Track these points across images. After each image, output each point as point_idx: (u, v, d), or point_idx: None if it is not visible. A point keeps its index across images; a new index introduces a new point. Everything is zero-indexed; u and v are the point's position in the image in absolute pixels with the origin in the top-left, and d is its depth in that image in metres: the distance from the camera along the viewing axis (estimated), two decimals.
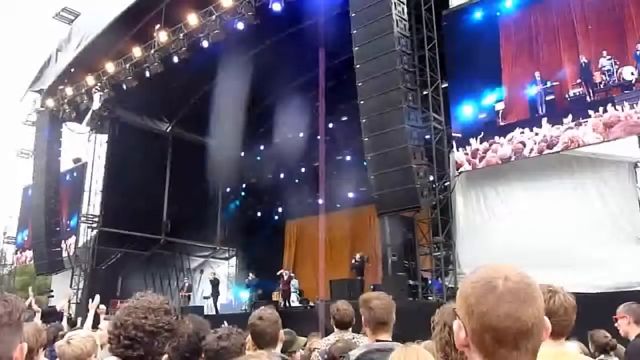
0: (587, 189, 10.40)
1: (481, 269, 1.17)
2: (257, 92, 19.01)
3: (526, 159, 11.09)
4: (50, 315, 5.71)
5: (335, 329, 3.95)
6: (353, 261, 15.36)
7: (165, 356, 1.93)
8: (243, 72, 17.70)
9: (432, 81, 12.39)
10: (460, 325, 1.14)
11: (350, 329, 3.83)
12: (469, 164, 11.87)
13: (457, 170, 12.14)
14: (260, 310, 2.97)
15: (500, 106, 11.60)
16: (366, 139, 11.63)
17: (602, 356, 4.55)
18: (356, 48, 11.87)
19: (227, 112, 19.14)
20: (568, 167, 10.75)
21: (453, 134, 12.34)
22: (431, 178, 12.07)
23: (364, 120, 11.66)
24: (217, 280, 19.01)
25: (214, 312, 17.83)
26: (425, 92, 12.36)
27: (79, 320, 8.22)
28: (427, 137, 12.29)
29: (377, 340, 2.92)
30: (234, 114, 19.58)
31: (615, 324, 3.96)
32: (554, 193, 10.72)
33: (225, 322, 3.20)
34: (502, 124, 11.51)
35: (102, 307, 6.21)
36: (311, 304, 15.96)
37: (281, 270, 17.09)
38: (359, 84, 11.73)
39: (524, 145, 11.06)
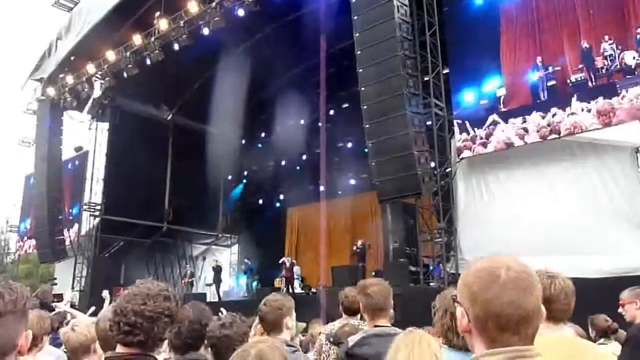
0: (589, 174, 10.41)
1: (482, 259, 1.23)
2: (258, 80, 18.96)
3: (527, 145, 11.09)
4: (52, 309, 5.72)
5: (343, 315, 4.01)
6: (354, 248, 15.39)
7: (166, 341, 1.95)
8: (243, 59, 17.65)
9: (433, 67, 12.32)
10: (463, 312, 1.20)
11: (359, 315, 3.87)
12: (471, 150, 11.89)
13: (459, 156, 12.15)
14: (269, 296, 3.00)
15: (501, 92, 11.59)
16: (367, 126, 11.62)
17: (602, 340, 4.59)
18: (357, 34, 11.81)
19: (228, 100, 19.10)
20: (570, 152, 10.75)
21: (454, 120, 12.33)
22: (432, 164, 12.05)
23: (364, 107, 11.64)
24: (220, 268, 19.12)
25: (216, 299, 17.96)
26: (426, 78, 12.29)
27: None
28: (429, 123, 12.25)
29: (376, 326, 2.95)
30: (235, 101, 19.55)
31: (620, 310, 3.91)
32: (556, 179, 10.74)
33: (223, 310, 3.23)
34: (503, 109, 11.50)
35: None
36: (313, 290, 16.05)
37: (283, 258, 17.16)
38: (360, 71, 11.69)
39: (526, 131, 11.05)
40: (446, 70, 12.66)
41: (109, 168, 19.95)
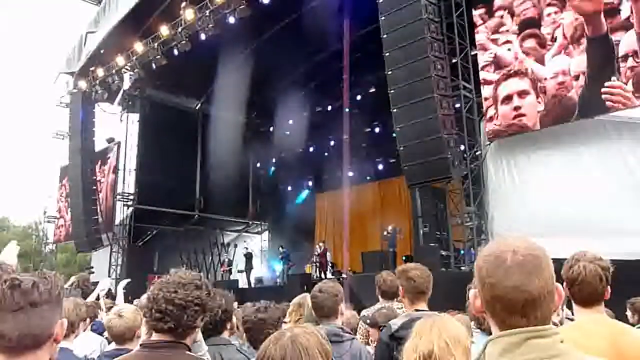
0: (624, 154, 10.10)
1: (493, 242, 1.26)
2: (284, 67, 18.95)
3: (560, 125, 10.82)
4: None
5: (381, 299, 4.00)
6: (385, 233, 15.38)
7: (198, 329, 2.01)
8: (267, 47, 17.67)
9: (461, 49, 12.13)
10: (476, 294, 1.24)
11: (396, 299, 3.86)
12: (500, 132, 11.65)
13: (488, 138, 11.95)
14: (322, 283, 3.03)
15: None
16: (395, 110, 11.53)
17: None
18: (382, 17, 11.69)
19: (254, 88, 19.20)
20: (603, 132, 10.42)
21: (483, 102, 12.11)
22: (462, 147, 11.92)
23: (392, 91, 11.54)
24: (251, 254, 19.38)
25: (247, 286, 18.23)
26: (454, 61, 12.12)
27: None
28: (457, 106, 12.10)
29: (417, 310, 2.94)
30: (262, 89, 19.62)
31: None
32: (588, 159, 10.45)
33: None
34: None
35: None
36: (344, 275, 16.12)
37: (316, 246, 17.25)
38: (386, 54, 11.58)
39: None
40: (474, 52, 12.43)
41: (141, 158, 20.36)
